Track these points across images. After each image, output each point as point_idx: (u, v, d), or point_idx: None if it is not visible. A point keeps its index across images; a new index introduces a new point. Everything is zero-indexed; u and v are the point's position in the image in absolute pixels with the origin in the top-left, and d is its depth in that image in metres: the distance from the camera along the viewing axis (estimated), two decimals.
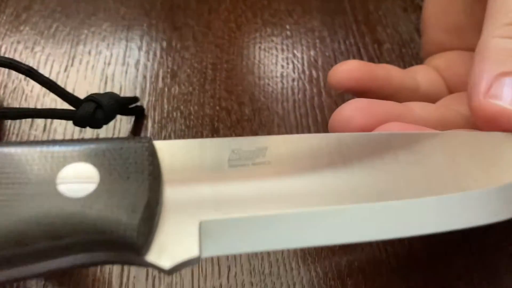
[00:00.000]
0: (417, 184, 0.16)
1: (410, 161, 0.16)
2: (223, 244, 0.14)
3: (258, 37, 0.31)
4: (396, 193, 0.15)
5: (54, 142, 0.15)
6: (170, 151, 0.15)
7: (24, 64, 0.21)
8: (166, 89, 0.28)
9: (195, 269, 0.21)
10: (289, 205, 0.15)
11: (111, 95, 0.24)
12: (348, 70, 0.23)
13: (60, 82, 0.27)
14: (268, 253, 0.22)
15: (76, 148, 0.14)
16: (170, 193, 0.15)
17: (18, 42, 0.29)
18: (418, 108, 0.23)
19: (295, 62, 0.30)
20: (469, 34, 0.25)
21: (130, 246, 0.13)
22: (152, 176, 0.14)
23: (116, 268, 0.21)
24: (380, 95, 0.23)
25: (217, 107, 0.27)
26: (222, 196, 0.15)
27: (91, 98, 0.23)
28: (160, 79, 0.28)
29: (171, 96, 0.27)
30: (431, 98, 0.25)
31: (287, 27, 0.31)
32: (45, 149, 0.14)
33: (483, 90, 0.18)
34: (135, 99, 0.26)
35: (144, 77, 0.28)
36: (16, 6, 0.31)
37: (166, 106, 0.27)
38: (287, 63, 0.29)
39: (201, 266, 0.22)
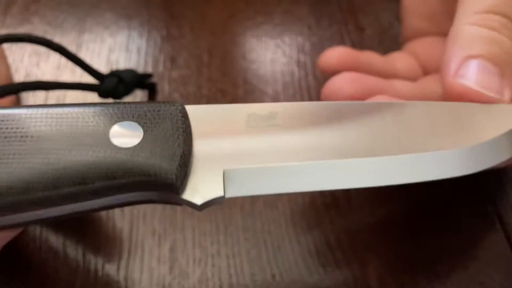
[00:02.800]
0: (401, 143, 0.18)
1: (396, 124, 0.19)
2: (242, 187, 0.17)
3: (250, 25, 0.33)
4: (384, 149, 0.18)
5: (106, 104, 0.18)
6: (198, 113, 0.19)
7: (55, 43, 0.24)
8: (166, 73, 0.30)
9: (196, 227, 0.24)
10: (295, 158, 0.18)
11: (130, 71, 0.27)
12: (336, 56, 0.26)
13: (69, 68, 0.30)
14: (261, 213, 0.25)
15: (124, 109, 0.18)
16: (200, 146, 0.18)
17: (29, 32, 0.32)
18: (399, 84, 0.25)
19: (284, 48, 0.32)
20: (444, 21, 0.28)
21: (170, 186, 0.17)
22: (185, 132, 0.18)
23: (126, 227, 0.24)
24: None
25: (213, 89, 0.30)
26: (241, 149, 0.18)
27: (114, 73, 0.26)
28: (161, 64, 0.31)
29: (171, 79, 0.30)
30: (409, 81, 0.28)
31: (277, 15, 0.34)
32: (98, 108, 0.17)
33: (453, 71, 0.21)
34: (149, 75, 0.29)
35: (146, 62, 0.31)
36: None
37: (167, 88, 0.30)
38: (277, 49, 0.32)
39: (201, 224, 0.24)
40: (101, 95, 0.26)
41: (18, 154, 0.16)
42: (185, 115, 0.18)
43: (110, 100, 0.27)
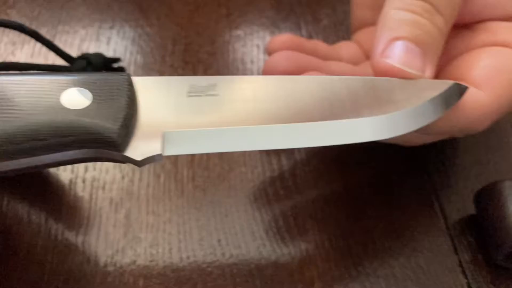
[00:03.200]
0: (326, 111, 0.21)
1: (321, 95, 0.21)
2: (178, 147, 0.20)
3: (213, 17, 0.35)
4: (310, 116, 0.20)
5: (60, 72, 0.21)
6: (144, 83, 0.21)
7: (29, 28, 0.26)
8: (132, 60, 0.33)
9: (150, 197, 0.26)
10: (229, 123, 0.20)
11: (99, 55, 0.30)
12: (281, 41, 0.28)
13: (43, 56, 0.32)
14: (213, 185, 0.27)
15: (76, 77, 0.20)
16: (143, 112, 0.20)
17: None
18: (335, 65, 0.28)
19: (245, 38, 0.34)
20: None
21: (112, 144, 0.19)
22: (130, 98, 0.20)
23: (86, 196, 0.26)
24: None
25: (175, 75, 0.32)
26: (180, 115, 0.20)
27: (83, 56, 0.29)
28: (128, 52, 0.33)
29: (137, 66, 0.32)
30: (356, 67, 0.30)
31: (239, 8, 0.36)
32: (53, 76, 0.20)
33: (379, 51, 0.23)
34: (117, 59, 0.31)
35: (115, 51, 0.33)
36: None
37: (132, 74, 0.32)
38: (238, 39, 0.34)
39: (155, 194, 0.27)
40: None
41: None
42: (130, 84, 0.20)
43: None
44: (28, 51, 0.33)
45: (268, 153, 0.29)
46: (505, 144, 0.30)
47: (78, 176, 0.27)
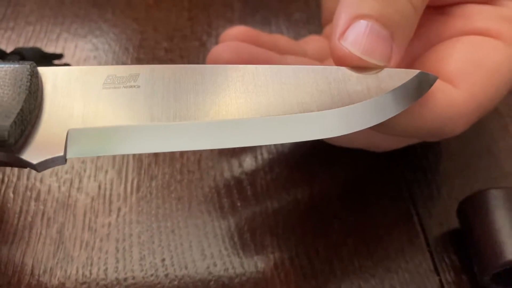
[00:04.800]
0: (270, 105, 0.18)
1: (265, 86, 0.18)
2: (84, 148, 0.17)
3: (174, 11, 0.32)
4: (248, 111, 0.17)
5: None
6: (54, 75, 0.18)
7: None
8: (86, 56, 0.30)
9: (88, 209, 0.23)
10: (147, 120, 0.17)
11: (35, 49, 0.27)
12: (235, 34, 0.25)
13: None
14: (157, 195, 0.24)
15: None
16: (49, 107, 0.17)
17: None
18: (292, 60, 0.24)
19: (208, 29, 0.31)
20: None
21: (4, 144, 0.16)
22: (29, 91, 0.17)
23: (17, 208, 0.23)
24: None
25: None
26: (91, 110, 0.17)
27: (17, 51, 0.26)
28: (79, 48, 0.30)
29: (90, 60, 0.29)
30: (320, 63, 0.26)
31: (204, 1, 0.33)
32: None
33: (339, 33, 0.19)
34: (59, 55, 0.28)
35: (66, 48, 0.30)
36: None
37: None
38: (202, 33, 0.31)
39: (94, 206, 0.23)
40: None
41: None
42: (34, 75, 0.17)
43: None
44: None
45: (228, 157, 0.25)
46: (493, 150, 0.27)
47: (8, 185, 0.24)
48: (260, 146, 0.26)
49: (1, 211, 0.23)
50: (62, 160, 0.16)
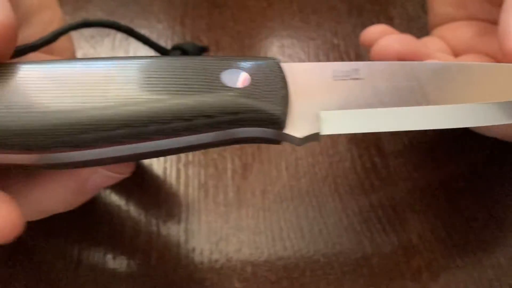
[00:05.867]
0: (461, 95, 0.21)
1: (456, 80, 0.21)
2: (334, 127, 0.20)
3: (287, 14, 0.36)
4: (451, 99, 0.21)
5: (213, 56, 0.21)
6: (290, 68, 0.21)
7: (123, 25, 0.26)
8: (212, 54, 0.33)
9: (247, 187, 0.26)
10: (378, 104, 0.20)
11: (192, 44, 0.30)
12: (378, 31, 0.28)
13: (123, 49, 0.32)
14: (305, 174, 0.27)
15: (231, 60, 0.20)
16: (295, 93, 0.20)
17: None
18: (439, 55, 0.27)
19: (320, 33, 0.35)
20: (472, 5, 0.30)
21: (276, 121, 0.19)
22: (283, 80, 0.20)
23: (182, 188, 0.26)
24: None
25: None
26: (331, 95, 0.20)
27: (177, 46, 0.29)
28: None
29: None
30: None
31: (311, 5, 0.36)
32: (208, 59, 0.20)
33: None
34: (206, 48, 0.31)
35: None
36: None
37: None
38: (312, 33, 0.34)
39: (262, 184, 0.26)
40: None
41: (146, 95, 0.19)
42: (281, 68, 0.20)
43: None
44: (109, 44, 0.33)
45: (357, 146, 0.29)
46: None
47: (172, 166, 0.27)
48: (395, 133, 0.29)
49: (169, 187, 0.26)
50: (317, 137, 0.20)
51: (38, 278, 0.23)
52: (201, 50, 0.30)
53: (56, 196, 0.20)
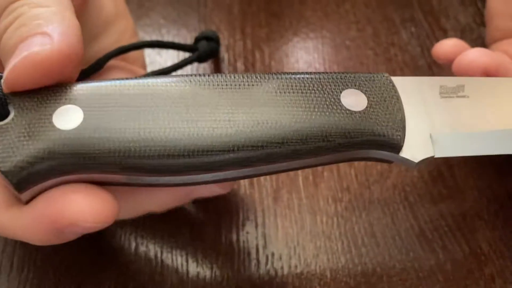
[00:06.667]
0: None
1: None
2: (447, 150, 0.20)
3: (343, 23, 0.36)
4: None
5: (329, 73, 0.21)
6: (402, 85, 0.21)
7: (153, 41, 0.30)
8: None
9: (320, 193, 0.27)
10: (483, 126, 0.21)
11: (212, 31, 0.33)
12: (451, 45, 0.28)
13: (182, 55, 0.33)
14: (374, 183, 0.28)
15: (346, 78, 0.20)
16: (409, 114, 0.21)
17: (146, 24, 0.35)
18: None
19: (377, 43, 0.35)
20: None
21: (394, 146, 0.20)
22: (398, 99, 0.20)
23: (256, 194, 0.27)
24: None
25: None
26: (440, 116, 0.21)
27: (200, 37, 0.31)
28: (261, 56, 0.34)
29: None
30: None
31: (365, 16, 0.37)
32: (327, 76, 0.20)
33: None
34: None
35: (245, 58, 0.34)
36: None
37: None
38: (373, 44, 0.35)
39: (328, 191, 0.27)
40: (201, 57, 0.31)
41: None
42: (393, 84, 0.21)
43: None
44: (174, 52, 0.34)
45: None
46: None
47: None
48: None
49: (245, 194, 0.27)
50: (431, 159, 0.20)
51: (127, 280, 0.24)
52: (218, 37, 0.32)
53: (161, 201, 0.21)
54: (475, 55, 0.25)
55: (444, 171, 0.29)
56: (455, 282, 0.24)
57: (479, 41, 0.35)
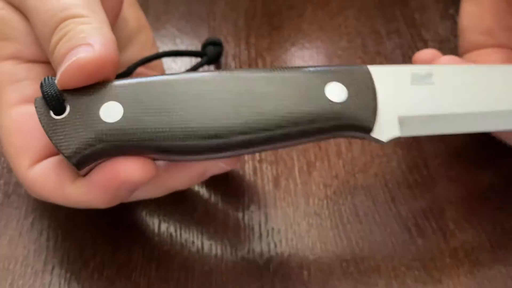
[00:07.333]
0: None
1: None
2: (412, 130, 0.25)
3: (337, 35, 0.41)
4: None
5: (314, 67, 0.26)
6: (378, 73, 0.26)
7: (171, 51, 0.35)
8: None
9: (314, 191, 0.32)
10: (448, 109, 0.26)
11: (215, 38, 0.38)
12: (429, 53, 0.32)
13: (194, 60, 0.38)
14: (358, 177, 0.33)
15: (329, 72, 0.25)
16: (381, 100, 0.25)
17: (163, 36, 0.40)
18: None
19: (366, 52, 0.40)
20: (500, 35, 0.34)
21: (367, 129, 0.24)
22: (373, 88, 0.25)
23: (271, 184, 0.32)
24: None
25: None
26: (409, 100, 0.25)
27: (206, 43, 0.37)
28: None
29: None
30: None
31: (355, 30, 0.42)
32: (312, 71, 0.25)
33: None
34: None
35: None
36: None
37: None
38: (362, 54, 0.40)
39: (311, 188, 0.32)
40: (210, 60, 0.37)
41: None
42: (371, 76, 0.25)
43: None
44: (187, 59, 0.38)
45: (402, 149, 0.34)
46: None
47: (249, 163, 0.33)
48: (433, 138, 0.34)
49: (254, 182, 0.32)
50: (398, 138, 0.25)
51: (153, 249, 0.29)
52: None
53: (181, 180, 0.26)
54: (446, 61, 0.30)
55: (419, 162, 0.33)
56: (425, 253, 0.29)
57: (456, 51, 0.40)
